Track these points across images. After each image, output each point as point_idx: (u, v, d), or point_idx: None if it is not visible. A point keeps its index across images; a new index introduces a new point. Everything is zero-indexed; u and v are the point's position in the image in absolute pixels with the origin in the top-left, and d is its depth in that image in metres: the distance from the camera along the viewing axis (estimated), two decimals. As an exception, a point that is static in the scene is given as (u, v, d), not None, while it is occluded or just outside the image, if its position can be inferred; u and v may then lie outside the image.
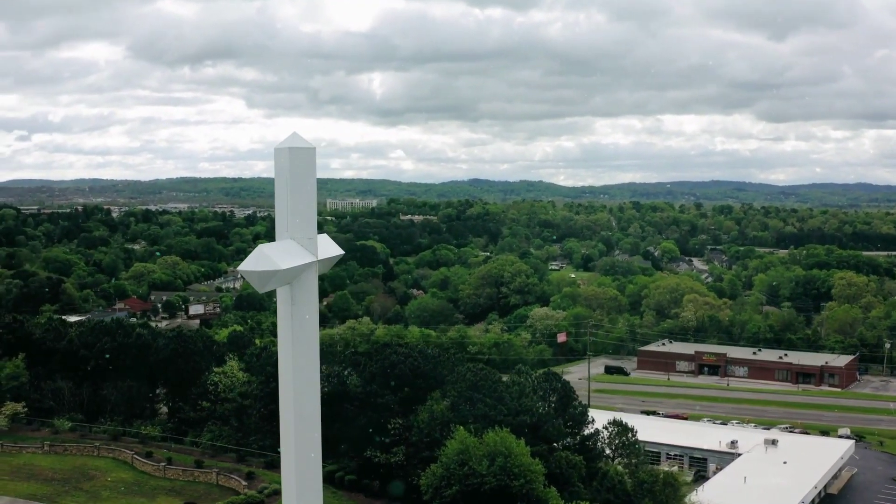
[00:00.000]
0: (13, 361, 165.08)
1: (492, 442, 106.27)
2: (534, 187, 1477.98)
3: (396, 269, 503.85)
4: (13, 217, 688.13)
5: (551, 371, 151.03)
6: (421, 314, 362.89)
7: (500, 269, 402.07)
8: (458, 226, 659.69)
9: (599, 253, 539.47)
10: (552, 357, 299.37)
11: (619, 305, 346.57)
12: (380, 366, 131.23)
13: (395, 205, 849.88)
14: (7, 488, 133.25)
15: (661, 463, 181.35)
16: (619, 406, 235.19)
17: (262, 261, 12.14)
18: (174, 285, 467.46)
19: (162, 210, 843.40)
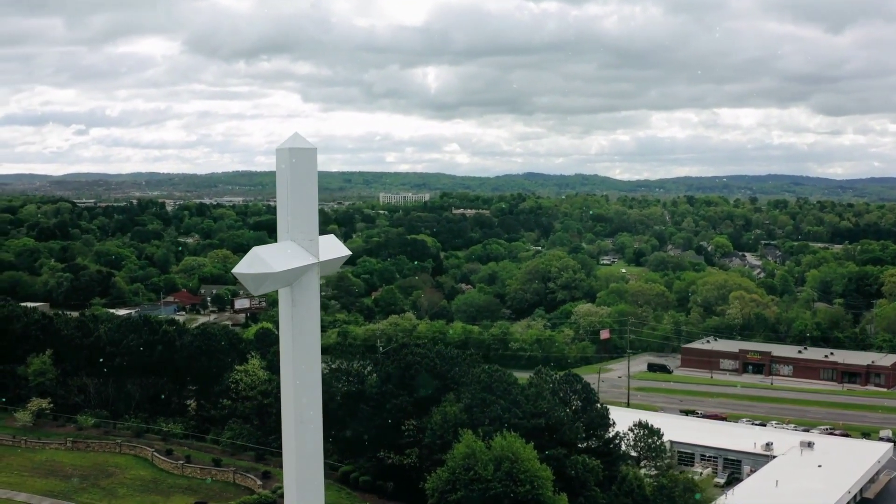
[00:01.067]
0: (40, 357, 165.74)
1: (498, 447, 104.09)
2: (588, 181, 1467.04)
3: (446, 264, 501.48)
4: (69, 210, 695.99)
5: (572, 373, 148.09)
6: (467, 309, 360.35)
7: (548, 265, 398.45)
8: (510, 220, 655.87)
9: (652, 248, 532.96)
10: (595, 354, 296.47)
11: (666, 302, 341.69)
12: (396, 366, 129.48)
13: (448, 199, 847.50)
14: (26, 485, 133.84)
15: (694, 464, 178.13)
16: (658, 405, 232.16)
17: (255, 263, 11.78)
18: (224, 279, 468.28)
19: (216, 204, 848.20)
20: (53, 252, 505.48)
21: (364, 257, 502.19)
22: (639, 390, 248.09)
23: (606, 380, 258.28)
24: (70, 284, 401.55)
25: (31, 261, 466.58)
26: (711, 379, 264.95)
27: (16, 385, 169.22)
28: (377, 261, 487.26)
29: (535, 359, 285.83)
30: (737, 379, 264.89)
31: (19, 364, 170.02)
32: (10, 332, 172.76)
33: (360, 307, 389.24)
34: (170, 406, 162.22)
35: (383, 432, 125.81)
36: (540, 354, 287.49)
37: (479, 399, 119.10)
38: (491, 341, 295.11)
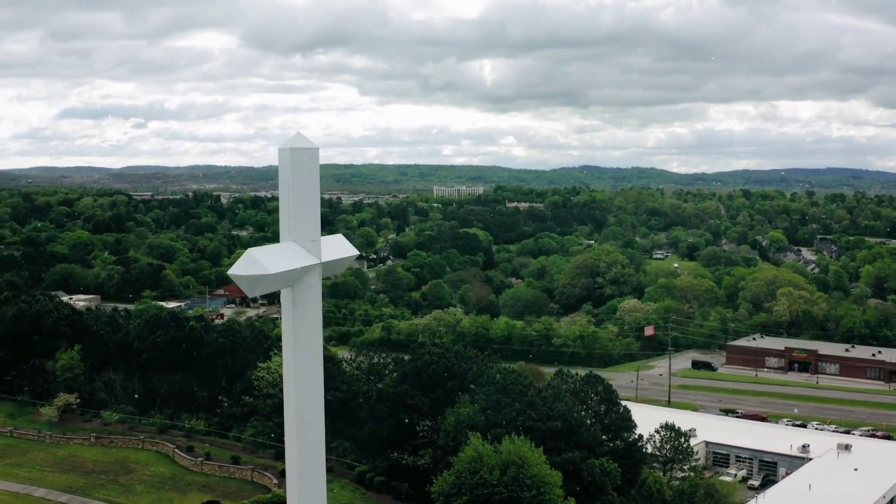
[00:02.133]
0: (68, 353, 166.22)
1: (506, 451, 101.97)
2: (645, 174, 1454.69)
3: (497, 258, 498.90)
4: (125, 203, 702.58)
5: (593, 373, 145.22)
6: (514, 304, 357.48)
7: (597, 259, 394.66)
8: (563, 213, 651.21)
9: (706, 242, 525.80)
10: (639, 351, 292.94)
11: (715, 297, 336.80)
12: (413, 366, 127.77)
13: (502, 192, 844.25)
14: (46, 480, 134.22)
15: (729, 465, 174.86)
16: (699, 403, 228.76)
17: (250, 265, 11.61)
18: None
19: (271, 196, 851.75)
20: (107, 245, 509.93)
21: (415, 251, 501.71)
22: (681, 388, 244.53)
23: (648, 377, 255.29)
24: (121, 277, 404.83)
25: (84, 253, 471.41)
26: (756, 377, 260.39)
27: (44, 380, 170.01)
28: (427, 254, 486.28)
29: (577, 355, 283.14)
30: (782, 377, 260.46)
31: (49, 359, 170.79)
32: (41, 327, 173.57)
33: (408, 301, 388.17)
34: (194, 402, 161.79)
35: (398, 432, 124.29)
36: (583, 351, 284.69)
37: (493, 401, 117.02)
38: (534, 337, 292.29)
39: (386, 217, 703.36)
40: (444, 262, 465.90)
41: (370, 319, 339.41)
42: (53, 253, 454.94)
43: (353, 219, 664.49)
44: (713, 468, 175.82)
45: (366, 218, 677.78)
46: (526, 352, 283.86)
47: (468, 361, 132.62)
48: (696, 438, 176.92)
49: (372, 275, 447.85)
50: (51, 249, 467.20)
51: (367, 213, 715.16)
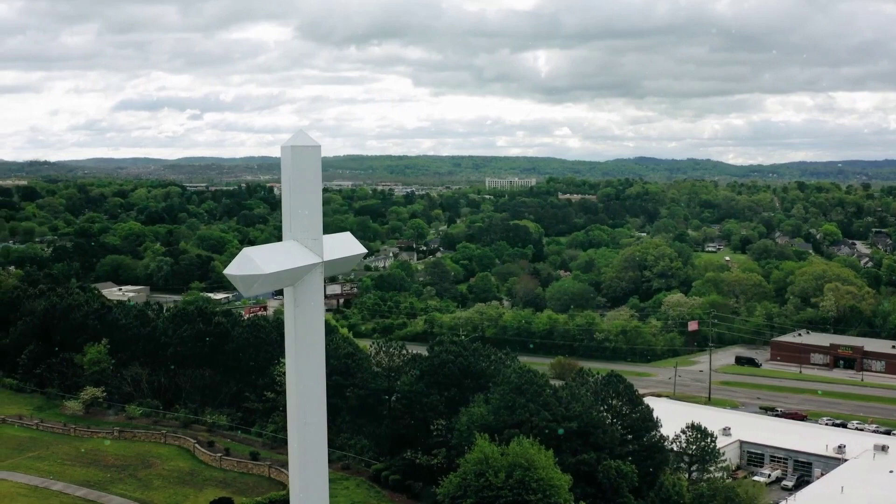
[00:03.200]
0: (96, 347, 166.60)
1: (512, 453, 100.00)
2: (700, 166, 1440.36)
3: (546, 250, 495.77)
4: (178, 194, 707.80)
5: (615, 373, 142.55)
6: (561, 297, 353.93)
7: (644, 252, 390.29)
8: (615, 205, 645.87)
9: (759, 235, 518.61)
10: (683, 346, 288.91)
11: (763, 292, 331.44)
12: (429, 364, 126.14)
13: (554, 183, 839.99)
14: (65, 473, 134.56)
15: (763, 466, 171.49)
16: (740, 400, 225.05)
17: (245, 264, 11.60)
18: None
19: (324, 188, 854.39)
20: (159, 236, 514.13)
21: (464, 243, 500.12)
22: (723, 384, 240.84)
23: (690, 373, 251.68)
24: (170, 269, 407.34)
25: (135, 245, 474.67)
26: (800, 374, 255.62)
27: (73, 373, 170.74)
28: (476, 246, 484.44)
29: (619, 350, 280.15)
30: (827, 374, 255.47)
31: (77, 353, 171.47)
32: (70, 321, 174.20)
33: (454, 294, 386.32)
34: (219, 397, 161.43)
35: (414, 431, 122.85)
36: (625, 346, 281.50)
37: (507, 401, 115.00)
38: (576, 332, 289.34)
39: (437, 209, 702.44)
40: (492, 255, 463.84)
41: (415, 312, 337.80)
42: (104, 244, 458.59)
43: (405, 210, 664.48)
44: (747, 468, 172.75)
45: (417, 209, 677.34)
46: (568, 346, 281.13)
47: (486, 359, 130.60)
48: (730, 437, 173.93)
49: (421, 267, 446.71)
50: (103, 241, 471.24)
51: (418, 204, 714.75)
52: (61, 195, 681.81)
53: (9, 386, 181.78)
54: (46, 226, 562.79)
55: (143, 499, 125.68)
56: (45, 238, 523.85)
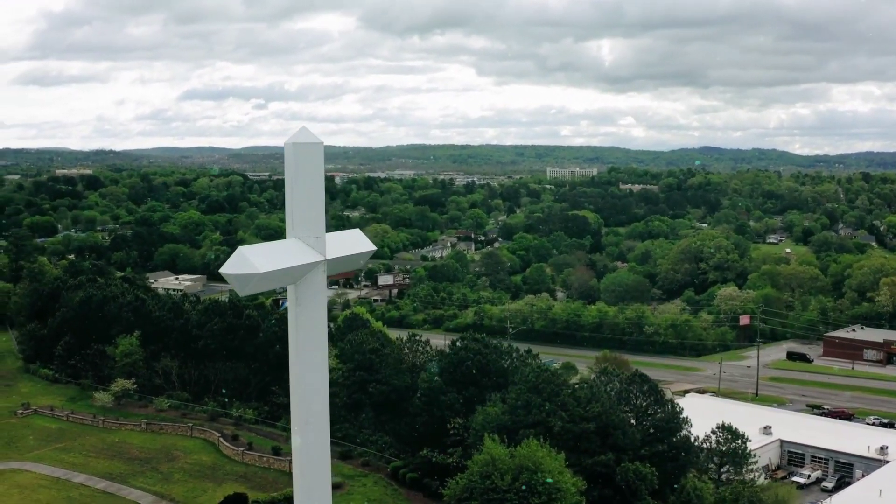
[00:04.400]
0: (128, 339, 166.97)
1: (519, 455, 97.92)
2: (765, 156, 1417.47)
3: (605, 241, 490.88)
4: (240, 184, 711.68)
5: (639, 372, 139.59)
6: (615, 289, 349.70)
7: (701, 244, 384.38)
8: (676, 196, 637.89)
9: (821, 227, 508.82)
10: (734, 341, 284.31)
11: (819, 286, 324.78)
12: (448, 361, 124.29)
13: (616, 173, 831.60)
14: (89, 466, 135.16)
15: (804, 466, 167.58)
16: (788, 397, 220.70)
17: (240, 264, 11.35)
18: (380, 253, 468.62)
19: (385, 177, 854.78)
20: (219, 225, 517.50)
21: (521, 233, 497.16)
22: (772, 380, 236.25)
23: (739, 368, 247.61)
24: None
25: (194, 234, 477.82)
26: (852, 370, 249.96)
27: (105, 365, 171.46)
28: (533, 237, 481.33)
29: (669, 344, 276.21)
30: (880, 371, 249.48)
31: (111, 344, 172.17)
32: (105, 312, 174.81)
33: (508, 285, 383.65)
34: (247, 390, 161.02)
35: (432, 429, 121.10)
36: (675, 340, 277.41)
37: (523, 400, 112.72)
38: (625, 325, 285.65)
39: (497, 199, 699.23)
40: (549, 246, 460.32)
41: (467, 303, 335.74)
42: (163, 233, 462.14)
43: (465, 200, 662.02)
44: (787, 468, 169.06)
45: (477, 199, 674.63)
46: (617, 340, 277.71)
47: (507, 357, 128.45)
48: (771, 437, 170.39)
49: (477, 257, 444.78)
50: (162, 230, 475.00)
51: (478, 194, 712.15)
52: (124, 184, 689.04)
53: (45, 376, 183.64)
54: (108, 214, 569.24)
55: (162, 492, 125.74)
56: (107, 227, 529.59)
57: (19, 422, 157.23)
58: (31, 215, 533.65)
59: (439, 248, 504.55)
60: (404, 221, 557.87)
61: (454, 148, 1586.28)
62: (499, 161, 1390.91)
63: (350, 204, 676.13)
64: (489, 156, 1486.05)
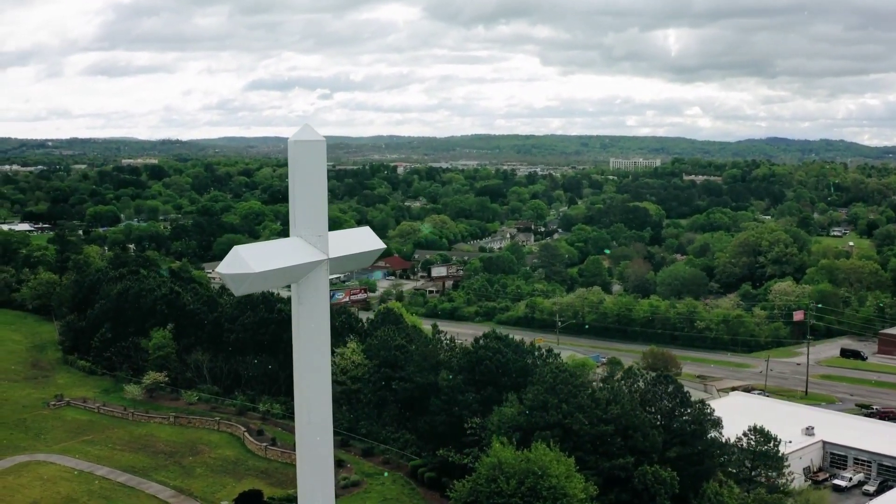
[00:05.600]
0: (161, 332, 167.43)
1: (525, 458, 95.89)
2: (833, 146, 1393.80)
3: (665, 233, 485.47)
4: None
5: (663, 373, 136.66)
6: (672, 282, 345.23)
7: (759, 237, 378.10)
8: (739, 187, 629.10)
9: (887, 219, 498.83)
10: (788, 337, 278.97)
11: (879, 281, 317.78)
12: (467, 360, 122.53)
13: (679, 164, 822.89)
14: (113, 459, 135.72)
15: (846, 468, 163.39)
16: (839, 396, 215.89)
17: (235, 263, 11.24)
18: (439, 244, 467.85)
19: (447, 168, 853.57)
20: (279, 215, 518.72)
21: (580, 225, 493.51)
22: (823, 378, 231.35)
23: (789, 365, 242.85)
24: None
25: (254, 223, 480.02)
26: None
27: (139, 357, 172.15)
28: (592, 228, 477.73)
29: (720, 340, 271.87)
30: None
31: (145, 337, 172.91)
32: (141, 305, 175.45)
33: (563, 277, 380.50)
34: (276, 385, 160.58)
35: (451, 428, 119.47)
36: (727, 336, 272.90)
37: (540, 401, 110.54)
38: (676, 320, 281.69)
39: (559, 189, 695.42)
40: (608, 237, 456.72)
41: (521, 295, 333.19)
42: (224, 223, 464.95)
43: (526, 191, 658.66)
44: (829, 470, 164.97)
45: (538, 190, 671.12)
46: (668, 335, 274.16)
47: (530, 355, 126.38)
48: (813, 438, 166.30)
49: (535, 248, 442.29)
50: (223, 220, 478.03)
51: (540, 184, 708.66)
52: (188, 174, 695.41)
53: (82, 368, 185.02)
54: (171, 204, 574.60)
55: (182, 487, 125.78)
56: (169, 216, 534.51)
57: (51, 413, 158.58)
58: (95, 205, 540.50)
59: (498, 240, 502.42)
60: (464, 212, 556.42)
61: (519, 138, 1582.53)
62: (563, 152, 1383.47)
63: (411, 194, 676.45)
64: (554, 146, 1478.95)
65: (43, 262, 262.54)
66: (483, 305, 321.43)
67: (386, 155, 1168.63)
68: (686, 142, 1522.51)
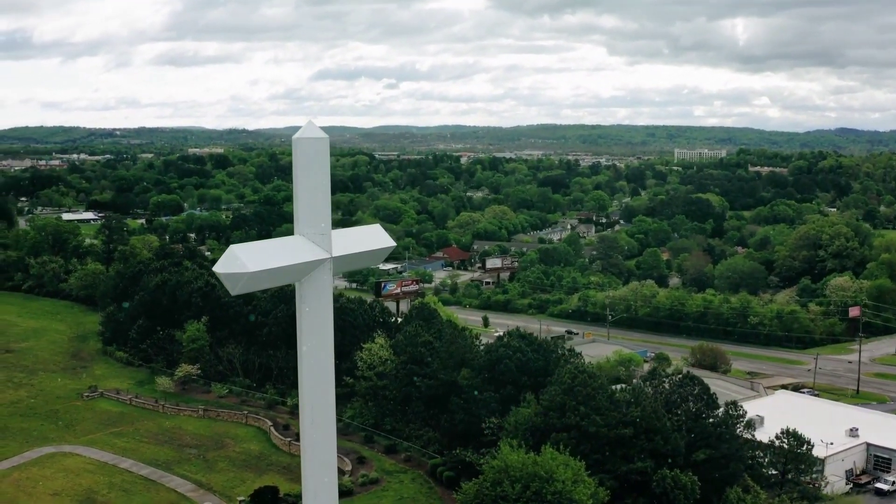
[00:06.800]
0: (195, 324, 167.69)
1: (531, 462, 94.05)
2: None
3: (727, 225, 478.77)
4: (365, 163, 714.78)
5: (690, 374, 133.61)
6: (730, 276, 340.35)
7: (819, 230, 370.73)
8: (805, 179, 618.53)
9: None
10: (844, 333, 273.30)
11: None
12: (487, 359, 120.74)
13: (745, 155, 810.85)
14: (138, 451, 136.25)
15: (889, 471, 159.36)
16: (891, 395, 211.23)
17: (230, 263, 11.05)
18: (497, 235, 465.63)
19: (510, 158, 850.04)
20: (340, 205, 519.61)
21: (640, 216, 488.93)
22: (876, 376, 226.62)
23: (841, 362, 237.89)
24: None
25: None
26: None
27: (174, 350, 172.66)
28: (653, 220, 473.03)
29: (774, 336, 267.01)
30: None
31: (180, 329, 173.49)
32: (177, 298, 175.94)
33: (621, 269, 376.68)
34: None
35: (469, 427, 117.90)
36: (780, 332, 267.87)
37: (557, 403, 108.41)
38: (729, 315, 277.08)
39: (622, 180, 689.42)
40: (668, 229, 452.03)
41: (577, 287, 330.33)
42: (284, 213, 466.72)
43: (589, 181, 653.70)
44: (873, 473, 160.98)
45: (601, 181, 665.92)
46: (721, 330, 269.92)
47: (552, 355, 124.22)
48: (857, 439, 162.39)
49: (595, 240, 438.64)
50: (284, 209, 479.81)
51: (603, 175, 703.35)
52: (252, 163, 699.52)
53: (119, 359, 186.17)
54: (234, 193, 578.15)
55: (202, 481, 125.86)
56: (231, 205, 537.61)
57: (84, 405, 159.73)
58: (159, 194, 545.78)
59: (559, 231, 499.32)
60: (525, 203, 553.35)
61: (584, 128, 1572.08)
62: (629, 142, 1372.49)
63: (474, 184, 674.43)
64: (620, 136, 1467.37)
65: (91, 253, 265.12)
66: (537, 298, 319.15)
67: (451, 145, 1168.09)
68: (754, 132, 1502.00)
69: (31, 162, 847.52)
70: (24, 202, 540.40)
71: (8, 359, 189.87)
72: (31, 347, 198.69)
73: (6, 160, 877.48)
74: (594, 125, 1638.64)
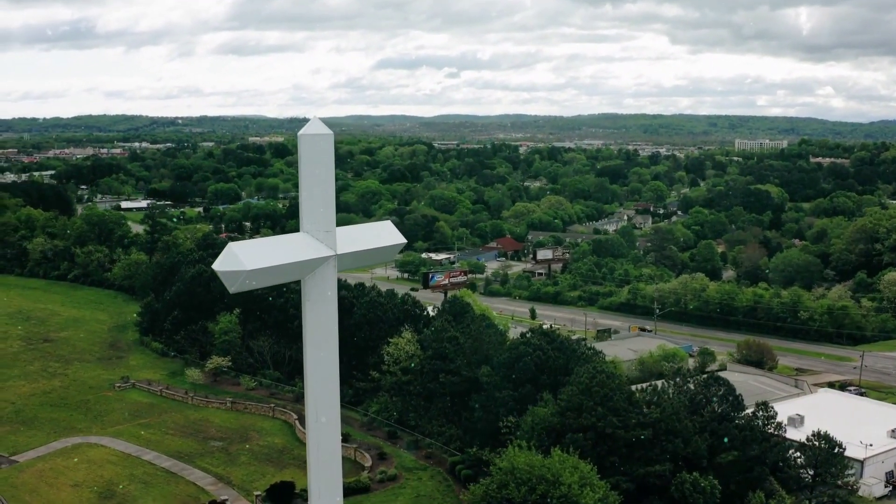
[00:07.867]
0: (227, 316, 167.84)
1: (538, 465, 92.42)
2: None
3: (785, 217, 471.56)
4: (423, 153, 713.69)
5: (715, 375, 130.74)
6: (785, 269, 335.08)
7: (876, 224, 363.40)
8: (867, 170, 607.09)
9: None
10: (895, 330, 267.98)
11: None
12: (506, 357, 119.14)
13: (806, 146, 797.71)
14: (162, 444, 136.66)
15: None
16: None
17: (229, 261, 11.19)
18: (552, 226, 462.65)
19: (569, 147, 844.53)
20: (396, 194, 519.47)
21: (697, 207, 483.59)
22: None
23: (893, 360, 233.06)
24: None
25: (370, 203, 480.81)
26: None
27: (206, 341, 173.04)
28: (710, 211, 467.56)
29: (824, 332, 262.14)
30: None
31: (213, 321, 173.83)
32: (212, 289, 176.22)
33: (675, 261, 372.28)
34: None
35: (489, 426, 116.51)
36: (831, 328, 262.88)
37: (574, 403, 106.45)
38: (779, 310, 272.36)
39: (681, 171, 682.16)
40: (725, 221, 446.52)
41: (629, 279, 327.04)
42: (339, 202, 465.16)
43: (647, 172, 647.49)
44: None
45: (660, 171, 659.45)
46: (771, 325, 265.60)
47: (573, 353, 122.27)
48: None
49: (651, 231, 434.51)
50: (340, 199, 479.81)
51: (662, 165, 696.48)
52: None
53: (155, 350, 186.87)
54: (291, 182, 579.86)
55: (222, 474, 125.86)
56: (289, 195, 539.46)
57: (114, 395, 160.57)
58: (217, 182, 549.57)
59: (615, 221, 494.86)
60: (582, 193, 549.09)
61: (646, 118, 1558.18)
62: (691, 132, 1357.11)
63: (531, 174, 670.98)
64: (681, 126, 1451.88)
65: (137, 243, 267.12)
66: (587, 290, 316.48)
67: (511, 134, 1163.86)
68: (817, 122, 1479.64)
69: (93, 150, 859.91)
70: (84, 190, 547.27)
71: (46, 348, 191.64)
72: (69, 337, 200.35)
73: (69, 148, 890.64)
74: (655, 115, 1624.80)
